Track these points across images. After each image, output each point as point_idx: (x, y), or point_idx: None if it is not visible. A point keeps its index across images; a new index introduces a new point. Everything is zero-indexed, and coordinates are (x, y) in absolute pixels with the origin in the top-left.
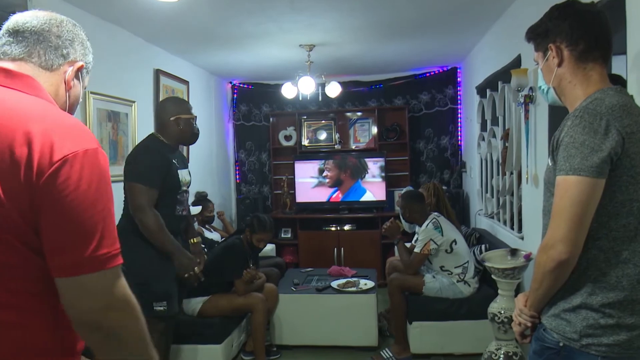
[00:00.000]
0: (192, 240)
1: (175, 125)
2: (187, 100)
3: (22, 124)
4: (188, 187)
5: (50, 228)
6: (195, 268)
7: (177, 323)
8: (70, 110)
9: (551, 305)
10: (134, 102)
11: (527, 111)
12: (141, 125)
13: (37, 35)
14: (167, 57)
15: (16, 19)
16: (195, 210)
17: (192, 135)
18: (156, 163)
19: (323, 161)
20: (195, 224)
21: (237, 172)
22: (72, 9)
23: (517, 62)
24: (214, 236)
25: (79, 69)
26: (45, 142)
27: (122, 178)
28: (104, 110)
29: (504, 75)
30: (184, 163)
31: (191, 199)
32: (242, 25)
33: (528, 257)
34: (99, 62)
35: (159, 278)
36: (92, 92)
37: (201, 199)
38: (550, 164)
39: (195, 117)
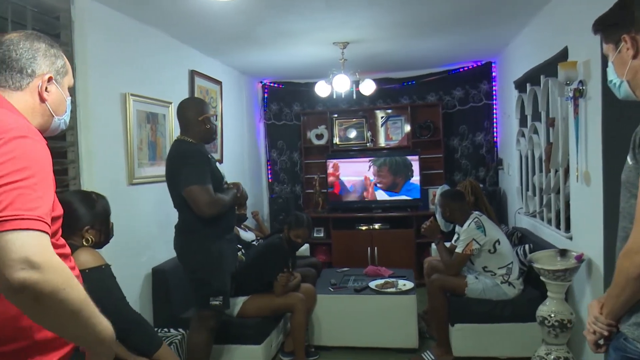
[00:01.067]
0: None
1: (202, 125)
2: (215, 99)
3: None
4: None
5: None
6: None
7: (222, 322)
8: (59, 114)
9: (632, 313)
10: (170, 103)
11: (576, 106)
12: (177, 126)
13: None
14: (201, 58)
15: None
16: None
17: (214, 133)
18: (202, 163)
19: (369, 162)
20: None
21: (269, 172)
22: (111, 12)
23: (563, 55)
24: (249, 236)
25: (49, 80)
26: None
27: (163, 179)
28: (142, 111)
29: (547, 68)
30: (215, 159)
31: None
32: (277, 24)
33: (580, 258)
34: (137, 64)
35: (217, 274)
36: (131, 94)
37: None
38: (630, 163)
39: (216, 115)
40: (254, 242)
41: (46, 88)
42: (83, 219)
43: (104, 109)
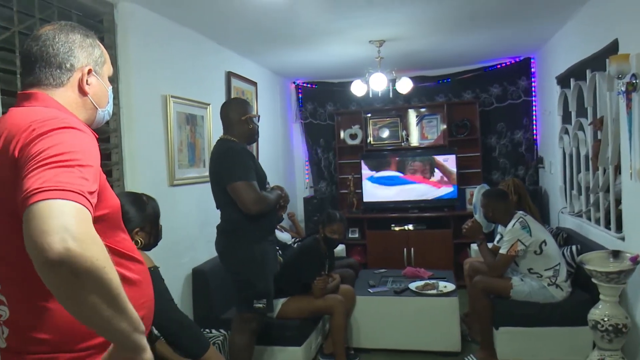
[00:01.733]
0: None
1: (245, 125)
2: (250, 99)
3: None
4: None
5: None
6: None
7: (264, 324)
8: (102, 106)
9: None
10: (208, 104)
11: (629, 100)
12: (216, 127)
13: (38, 62)
14: (237, 59)
15: (22, 51)
16: None
17: (257, 133)
18: (247, 160)
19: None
20: None
21: (306, 171)
22: (151, 15)
23: (613, 48)
24: (285, 237)
25: (89, 72)
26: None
27: (205, 181)
28: (182, 113)
29: (593, 62)
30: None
31: None
32: (314, 23)
33: (635, 260)
34: (177, 67)
35: (260, 276)
36: (172, 96)
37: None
38: None
39: (259, 115)
40: (291, 244)
41: (87, 81)
42: (133, 221)
43: (146, 111)
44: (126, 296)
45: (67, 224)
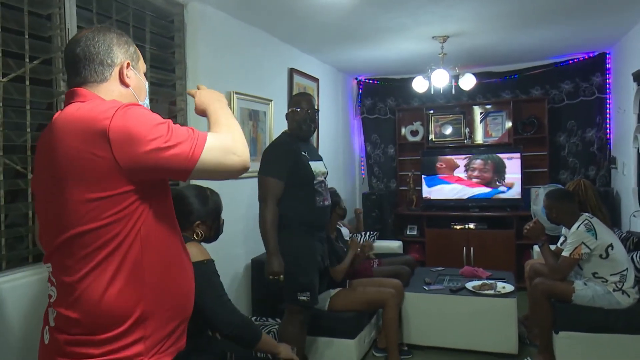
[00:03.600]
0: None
1: (290, 118)
2: (310, 94)
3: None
4: (325, 177)
5: None
6: (281, 276)
7: (314, 315)
8: (141, 99)
9: None
10: (271, 100)
11: None
12: (277, 123)
13: (82, 61)
14: (299, 56)
15: (65, 54)
16: None
17: (305, 123)
18: (280, 156)
19: (465, 159)
20: None
21: (362, 166)
22: (218, 13)
23: None
24: (344, 231)
25: (128, 67)
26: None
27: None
28: (245, 109)
29: None
30: (317, 155)
31: (342, 192)
32: (378, 20)
33: None
34: (241, 63)
35: (304, 269)
36: (236, 93)
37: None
38: None
39: (307, 109)
40: (347, 239)
41: (126, 74)
42: (196, 214)
43: None
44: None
45: (222, 149)
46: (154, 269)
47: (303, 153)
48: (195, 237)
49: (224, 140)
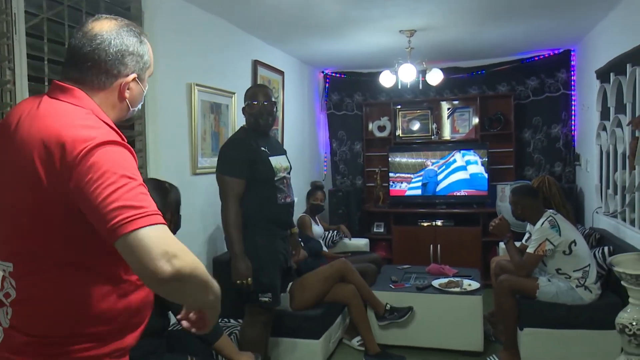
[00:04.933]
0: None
1: (247, 112)
2: (266, 86)
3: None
4: (288, 173)
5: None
6: (249, 279)
7: (277, 315)
8: (134, 106)
9: None
10: (234, 93)
11: None
12: (240, 116)
13: (88, 62)
14: (264, 48)
15: (72, 44)
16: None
17: (255, 123)
18: (239, 153)
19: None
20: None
21: (325, 163)
22: (178, 1)
23: None
24: (317, 230)
25: (133, 80)
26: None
27: None
28: (207, 102)
29: (635, 56)
30: (279, 149)
31: (307, 188)
32: (345, 11)
33: None
34: (202, 54)
35: (265, 269)
36: (197, 84)
37: (313, 187)
38: None
39: (263, 102)
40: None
41: (128, 88)
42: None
43: (171, 99)
44: (207, 272)
45: (165, 248)
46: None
47: (263, 148)
48: None
49: (174, 244)
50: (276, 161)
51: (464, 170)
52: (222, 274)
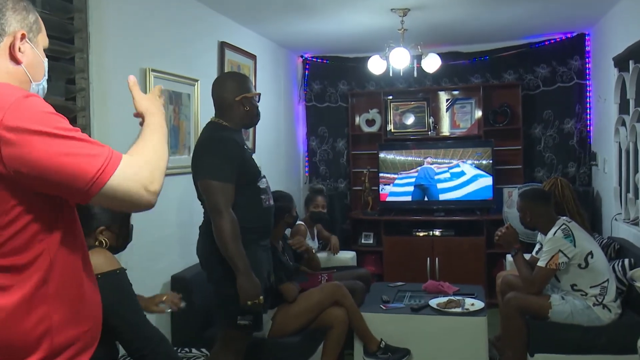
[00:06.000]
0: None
1: (241, 106)
2: (247, 75)
3: None
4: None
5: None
6: (260, 297)
7: (251, 343)
8: (36, 79)
9: None
10: (197, 80)
11: None
12: (204, 108)
13: None
14: (233, 28)
15: None
16: None
17: (256, 116)
18: (230, 154)
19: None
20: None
21: (306, 164)
22: None
23: None
24: (310, 243)
25: (22, 39)
26: None
27: (189, 171)
28: (165, 90)
29: None
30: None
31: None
32: None
33: None
34: (160, 36)
35: None
36: (152, 70)
37: (312, 192)
38: None
39: (259, 94)
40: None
41: (19, 48)
42: (100, 218)
43: (121, 87)
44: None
45: (139, 182)
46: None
47: (246, 147)
48: (98, 245)
49: (141, 171)
50: (255, 159)
51: (474, 181)
52: (185, 293)
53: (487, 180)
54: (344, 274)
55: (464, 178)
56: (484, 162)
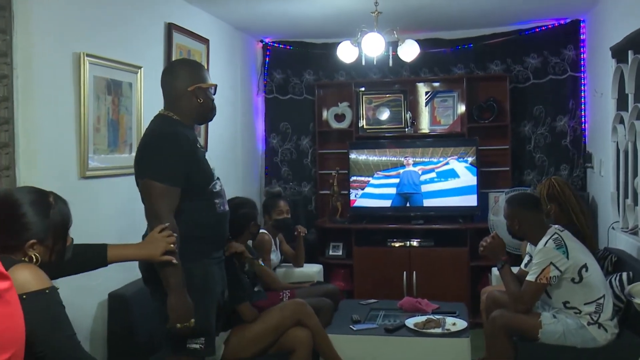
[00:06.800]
0: None
1: (193, 98)
2: (202, 63)
3: None
4: None
5: None
6: (192, 320)
7: None
8: None
9: None
10: (140, 67)
11: None
12: (148, 99)
13: None
14: (182, 7)
15: None
16: None
17: (211, 110)
18: (180, 152)
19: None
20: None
21: (266, 164)
22: None
23: None
24: (274, 259)
25: None
26: None
27: (132, 172)
28: (102, 78)
29: None
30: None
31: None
32: None
33: None
34: (96, 16)
35: (198, 307)
36: (87, 55)
37: (270, 197)
38: None
39: (216, 85)
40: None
41: None
42: (30, 229)
43: (51, 75)
44: None
45: None
46: None
47: (199, 145)
48: (26, 260)
49: None
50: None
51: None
52: (123, 314)
53: (472, 179)
54: (310, 290)
55: (456, 181)
56: (468, 162)
